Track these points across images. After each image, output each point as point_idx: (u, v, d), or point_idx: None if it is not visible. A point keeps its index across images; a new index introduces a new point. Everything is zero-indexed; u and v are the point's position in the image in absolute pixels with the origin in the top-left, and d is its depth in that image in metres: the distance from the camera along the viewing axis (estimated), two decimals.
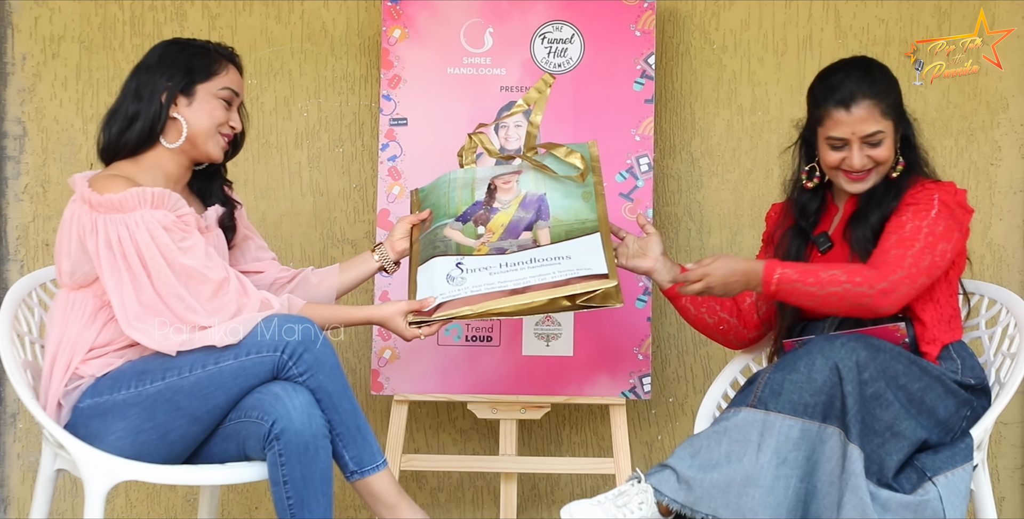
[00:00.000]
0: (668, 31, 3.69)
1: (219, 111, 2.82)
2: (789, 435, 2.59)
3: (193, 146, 2.82)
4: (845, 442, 2.59)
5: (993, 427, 2.83)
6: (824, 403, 2.60)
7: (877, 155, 2.86)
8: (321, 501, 2.65)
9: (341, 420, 2.72)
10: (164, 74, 2.80)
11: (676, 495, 2.59)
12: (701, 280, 2.80)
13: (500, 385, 3.41)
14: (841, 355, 2.62)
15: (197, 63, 2.82)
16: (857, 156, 2.85)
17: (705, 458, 2.61)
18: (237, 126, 2.86)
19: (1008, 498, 3.69)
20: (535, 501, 3.73)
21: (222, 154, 2.87)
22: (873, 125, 2.83)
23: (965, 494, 2.67)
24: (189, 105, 2.81)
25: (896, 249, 2.75)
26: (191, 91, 2.81)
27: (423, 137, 3.47)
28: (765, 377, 2.65)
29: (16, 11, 3.70)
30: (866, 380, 2.62)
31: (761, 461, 2.58)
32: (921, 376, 2.71)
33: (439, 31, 3.48)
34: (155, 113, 2.79)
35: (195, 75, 2.81)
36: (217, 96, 2.82)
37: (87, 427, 2.71)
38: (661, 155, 3.69)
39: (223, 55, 2.86)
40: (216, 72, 2.83)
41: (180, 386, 2.68)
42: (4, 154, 3.70)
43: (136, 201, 2.69)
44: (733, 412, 2.64)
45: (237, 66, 2.89)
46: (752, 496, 2.57)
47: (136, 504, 3.71)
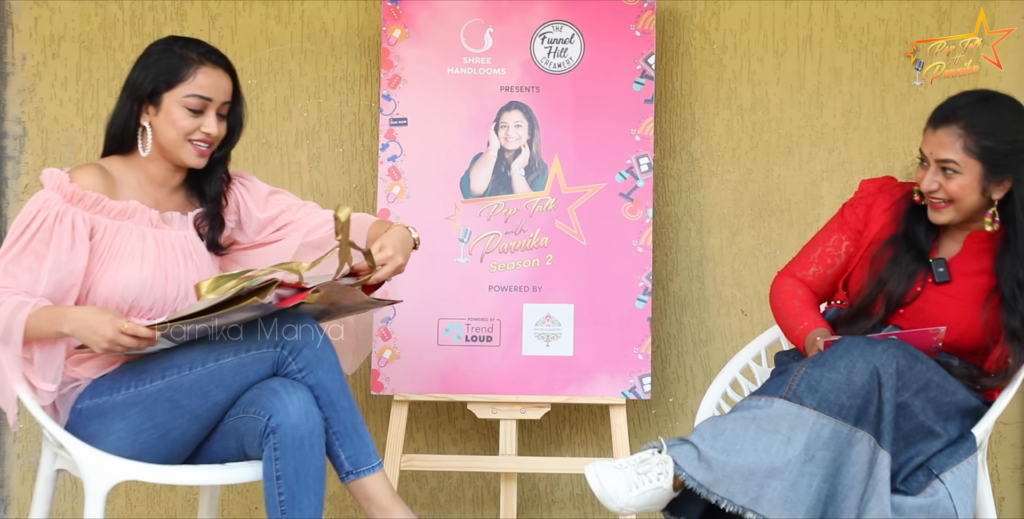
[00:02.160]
0: (668, 31, 3.69)
1: (184, 120, 2.77)
2: (820, 433, 2.58)
3: (165, 154, 2.81)
4: (876, 448, 2.58)
5: (993, 427, 2.83)
6: (859, 407, 2.59)
7: (948, 187, 2.77)
8: (312, 499, 2.65)
9: (339, 418, 2.72)
10: (139, 80, 2.79)
11: (695, 473, 2.57)
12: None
13: (500, 385, 3.41)
14: (883, 361, 2.60)
15: (166, 70, 2.78)
16: (928, 178, 2.79)
17: (729, 442, 2.58)
18: (212, 132, 2.79)
19: (1008, 498, 3.69)
20: (535, 501, 3.73)
21: (199, 160, 2.81)
22: (949, 153, 2.76)
23: (973, 488, 2.67)
24: (156, 115, 2.79)
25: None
26: (157, 100, 2.78)
27: (423, 137, 3.47)
28: (802, 371, 2.63)
29: (16, 11, 3.70)
30: (899, 389, 2.61)
31: (789, 455, 2.56)
32: (955, 390, 2.71)
33: (439, 31, 3.48)
34: (124, 121, 2.80)
35: (160, 85, 2.77)
36: (183, 104, 2.77)
37: (87, 428, 2.71)
38: (661, 155, 3.69)
39: (196, 58, 2.79)
40: (183, 79, 2.77)
41: (180, 384, 2.68)
42: (4, 154, 3.70)
43: (56, 183, 2.71)
44: (765, 401, 2.61)
45: (223, 67, 2.82)
46: (774, 488, 2.55)
47: (136, 504, 3.71)
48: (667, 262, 3.64)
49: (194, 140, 2.79)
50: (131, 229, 2.77)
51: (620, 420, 3.39)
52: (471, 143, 3.48)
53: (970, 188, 2.77)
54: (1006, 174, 2.76)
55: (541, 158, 3.47)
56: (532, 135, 3.48)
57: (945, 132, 2.76)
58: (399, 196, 3.46)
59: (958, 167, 2.76)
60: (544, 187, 3.46)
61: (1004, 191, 2.78)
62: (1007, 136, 2.76)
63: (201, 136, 2.79)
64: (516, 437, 3.42)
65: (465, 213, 3.46)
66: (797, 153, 3.68)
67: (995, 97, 2.83)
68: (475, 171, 3.48)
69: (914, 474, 2.67)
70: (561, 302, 3.43)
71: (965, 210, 2.80)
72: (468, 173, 3.47)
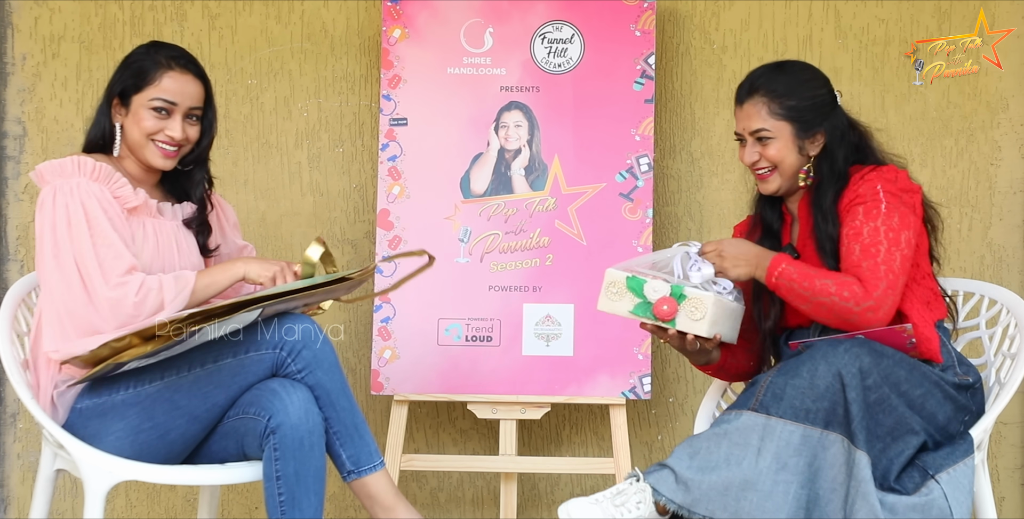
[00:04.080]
0: (668, 31, 3.69)
1: (148, 121, 2.81)
2: (790, 440, 2.59)
3: (132, 153, 2.85)
4: (851, 449, 2.59)
5: (993, 427, 2.83)
6: (826, 409, 2.60)
7: (767, 154, 2.86)
8: (312, 500, 2.65)
9: (339, 418, 2.72)
10: (114, 81, 2.85)
11: (674, 495, 2.59)
12: (715, 249, 2.80)
13: (500, 385, 3.41)
14: (844, 361, 2.61)
15: (136, 73, 2.83)
16: (748, 151, 2.89)
17: (704, 460, 2.60)
18: (176, 135, 2.82)
19: (1008, 498, 3.69)
20: (535, 501, 3.73)
21: (164, 161, 2.84)
22: (759, 122, 2.85)
23: (969, 490, 2.67)
24: (126, 115, 2.84)
25: (866, 260, 2.74)
26: (127, 101, 2.84)
27: (423, 137, 3.47)
28: (767, 381, 2.65)
29: (16, 11, 3.70)
30: (869, 386, 2.61)
31: (760, 466, 2.58)
32: (922, 382, 2.71)
33: (439, 31, 3.48)
34: (99, 121, 2.86)
35: (129, 87, 2.83)
36: (148, 107, 2.81)
37: (86, 427, 2.71)
38: (661, 155, 3.69)
39: (164, 63, 2.83)
40: (149, 82, 2.82)
41: (179, 385, 2.68)
42: (4, 154, 3.70)
43: (75, 168, 2.74)
44: (734, 415, 2.64)
45: (185, 69, 2.84)
46: (750, 500, 2.57)
47: (136, 504, 3.71)
48: None
49: (157, 141, 2.83)
50: (138, 219, 2.81)
51: (620, 420, 3.39)
52: (471, 143, 3.48)
53: (786, 149, 2.87)
54: (816, 129, 2.87)
55: (541, 158, 3.47)
56: (532, 135, 3.48)
57: (750, 104, 2.87)
58: (399, 196, 3.46)
59: (770, 133, 2.86)
60: (544, 187, 3.47)
61: (819, 147, 2.89)
62: (807, 92, 2.88)
63: (165, 138, 2.83)
64: (516, 437, 3.42)
65: (465, 213, 3.47)
66: None
67: (787, 63, 2.95)
68: (475, 171, 3.48)
69: (908, 473, 2.67)
70: (561, 302, 3.43)
71: (788, 173, 2.88)
72: (468, 173, 3.47)
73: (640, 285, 2.73)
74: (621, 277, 2.75)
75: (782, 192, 2.91)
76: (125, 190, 2.77)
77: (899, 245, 2.76)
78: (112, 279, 2.66)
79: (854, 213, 2.80)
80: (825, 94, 2.89)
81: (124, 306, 2.65)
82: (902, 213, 2.79)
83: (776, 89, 2.86)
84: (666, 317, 2.73)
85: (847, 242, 2.78)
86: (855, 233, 2.77)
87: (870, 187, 2.80)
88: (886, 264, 2.73)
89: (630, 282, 2.73)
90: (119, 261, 2.68)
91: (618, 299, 2.76)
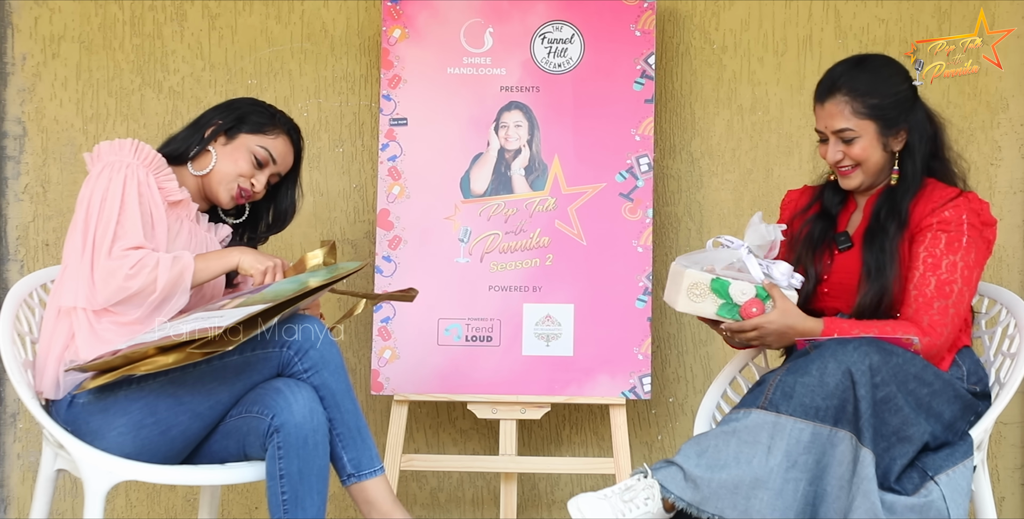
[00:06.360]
0: (668, 31, 3.69)
1: (245, 162, 2.91)
2: (800, 438, 2.59)
3: (209, 183, 2.92)
4: (857, 446, 2.59)
5: (993, 427, 2.83)
6: (836, 407, 2.60)
7: (851, 153, 2.86)
8: (315, 499, 2.65)
9: (343, 420, 2.72)
10: (223, 114, 2.95)
11: (683, 493, 2.58)
12: (755, 330, 2.80)
13: (500, 385, 3.41)
14: (854, 359, 2.61)
15: (254, 118, 2.95)
16: (831, 150, 2.88)
17: (713, 458, 2.60)
18: (258, 187, 2.93)
19: (1008, 498, 3.69)
20: (535, 501, 3.73)
21: (230, 203, 2.93)
22: (842, 122, 2.84)
23: (967, 491, 2.67)
24: (225, 145, 2.93)
25: (939, 300, 2.77)
26: (234, 135, 2.93)
27: (423, 137, 3.47)
28: (776, 379, 2.65)
29: (16, 11, 3.70)
30: (878, 384, 2.61)
31: (771, 464, 2.58)
32: (932, 381, 2.71)
33: (439, 31, 3.48)
34: (195, 139, 2.92)
35: (244, 125, 2.93)
36: (252, 150, 2.92)
37: (88, 423, 2.71)
38: (661, 155, 3.69)
39: (282, 125, 2.97)
40: (265, 132, 2.94)
41: (183, 381, 2.68)
42: (4, 154, 3.70)
43: (132, 150, 2.81)
44: (743, 413, 2.63)
45: (293, 141, 2.99)
46: (761, 498, 2.57)
47: (136, 504, 3.71)
48: (667, 262, 3.64)
49: (240, 184, 2.92)
50: (176, 214, 2.86)
51: (620, 420, 3.39)
52: (471, 143, 3.48)
53: (871, 147, 2.87)
54: (899, 125, 2.87)
55: (541, 158, 3.47)
56: (532, 135, 3.48)
57: (832, 103, 2.86)
58: (399, 196, 3.46)
59: (854, 133, 2.85)
60: (544, 187, 3.47)
61: (902, 142, 2.89)
62: (889, 89, 2.87)
63: (247, 184, 2.93)
64: (516, 437, 3.42)
65: (465, 213, 3.47)
66: (797, 153, 3.68)
67: (867, 59, 2.93)
68: (475, 171, 3.48)
69: (908, 474, 2.67)
70: (561, 302, 3.43)
71: (872, 170, 2.89)
72: (468, 173, 3.48)
73: (725, 287, 2.77)
74: (705, 279, 2.77)
75: (864, 188, 2.92)
76: (171, 184, 2.85)
77: (971, 285, 2.80)
78: (116, 251, 2.71)
79: (936, 240, 2.81)
80: (907, 89, 2.89)
81: (116, 277, 2.69)
82: (979, 249, 2.82)
83: (858, 87, 2.84)
84: (754, 318, 2.78)
85: (923, 270, 2.80)
86: (934, 264, 2.79)
87: (956, 215, 2.81)
88: (955, 308, 2.78)
89: (714, 284, 2.77)
90: (128, 238, 2.73)
91: (701, 300, 2.78)
